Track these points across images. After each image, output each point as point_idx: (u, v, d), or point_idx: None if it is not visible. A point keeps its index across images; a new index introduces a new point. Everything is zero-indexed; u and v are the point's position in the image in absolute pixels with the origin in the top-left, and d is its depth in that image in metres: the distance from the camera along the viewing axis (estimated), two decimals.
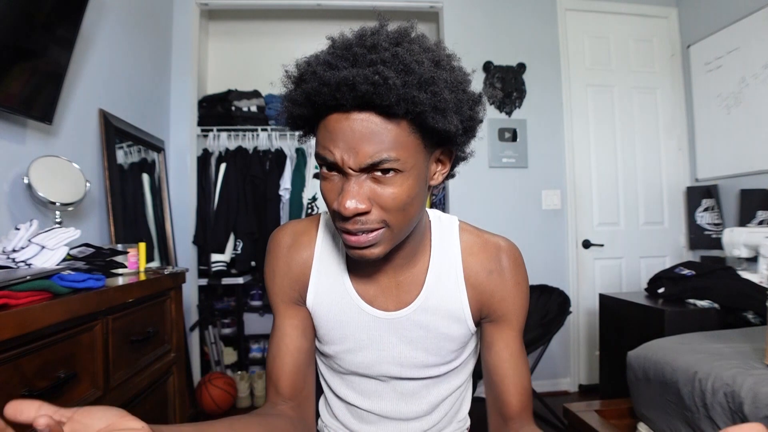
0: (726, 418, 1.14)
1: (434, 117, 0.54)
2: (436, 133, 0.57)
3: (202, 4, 2.67)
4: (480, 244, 0.72)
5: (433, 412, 0.78)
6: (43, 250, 1.04)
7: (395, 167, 0.55)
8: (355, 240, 0.58)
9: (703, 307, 1.81)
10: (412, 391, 0.75)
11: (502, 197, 2.66)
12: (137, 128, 2.12)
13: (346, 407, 0.80)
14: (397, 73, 0.52)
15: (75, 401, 0.91)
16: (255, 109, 2.89)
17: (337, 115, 0.55)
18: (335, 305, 0.72)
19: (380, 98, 0.52)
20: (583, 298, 2.75)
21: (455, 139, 0.60)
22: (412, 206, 0.59)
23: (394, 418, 0.77)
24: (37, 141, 1.45)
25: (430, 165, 0.62)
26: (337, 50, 0.55)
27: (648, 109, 2.88)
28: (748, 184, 2.39)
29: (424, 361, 0.73)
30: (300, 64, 0.59)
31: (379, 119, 0.54)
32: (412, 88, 0.52)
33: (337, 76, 0.52)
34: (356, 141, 0.54)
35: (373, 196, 0.56)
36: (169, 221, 2.41)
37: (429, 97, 0.53)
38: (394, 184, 0.56)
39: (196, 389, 2.47)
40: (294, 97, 0.58)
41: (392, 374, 0.74)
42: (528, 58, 2.77)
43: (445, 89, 0.55)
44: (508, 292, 0.71)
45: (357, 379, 0.76)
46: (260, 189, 2.76)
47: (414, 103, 0.52)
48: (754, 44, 2.36)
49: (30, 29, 1.28)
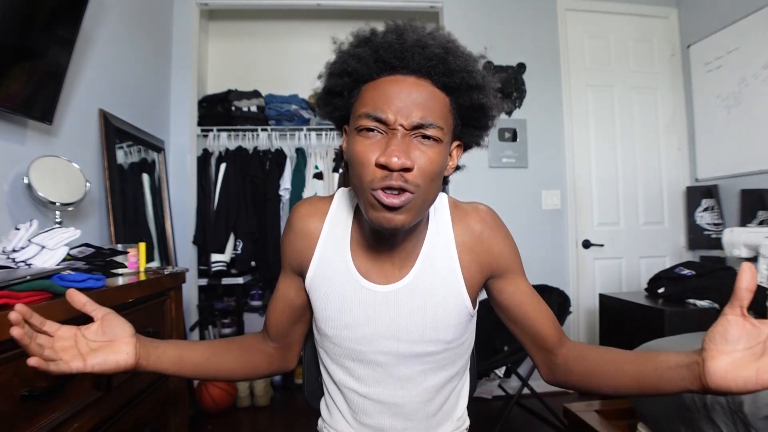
0: (726, 418, 1.14)
1: (480, 94, 0.64)
2: (469, 115, 0.66)
3: (202, 4, 2.67)
4: (464, 211, 0.78)
5: (430, 403, 0.78)
6: (43, 250, 1.04)
7: (438, 136, 0.61)
8: (390, 200, 0.61)
9: (703, 307, 1.81)
10: (408, 376, 0.76)
11: (502, 197, 2.66)
12: (137, 128, 2.12)
13: (345, 401, 0.81)
14: (459, 48, 0.62)
15: (75, 401, 0.91)
16: (255, 109, 2.90)
17: (394, 77, 0.61)
18: (335, 279, 0.75)
19: (446, 64, 0.60)
20: (583, 298, 2.75)
21: (480, 127, 0.69)
22: (438, 180, 0.65)
23: (391, 404, 0.77)
24: (37, 141, 1.45)
25: (450, 148, 0.68)
26: (390, 28, 0.64)
27: (648, 109, 2.88)
28: (748, 184, 2.39)
29: (422, 335, 0.74)
30: (363, 29, 0.65)
31: (432, 88, 0.62)
32: (472, 63, 0.62)
33: (413, 35, 0.60)
34: (411, 102, 0.60)
35: (415, 157, 0.61)
36: (169, 221, 2.41)
37: (480, 75, 0.63)
38: (433, 150, 0.62)
39: (196, 389, 2.47)
40: (359, 52, 0.63)
41: (390, 349, 0.75)
42: (528, 58, 2.76)
43: (488, 74, 0.65)
44: (503, 245, 0.77)
45: (355, 365, 0.77)
46: (260, 189, 2.76)
47: (472, 76, 0.62)
48: (754, 44, 2.36)
49: (30, 29, 1.28)
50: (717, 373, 0.54)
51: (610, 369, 0.68)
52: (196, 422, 2.36)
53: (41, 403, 0.81)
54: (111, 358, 0.61)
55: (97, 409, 0.98)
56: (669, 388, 0.61)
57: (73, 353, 0.58)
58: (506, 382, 2.69)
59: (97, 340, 0.62)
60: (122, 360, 0.62)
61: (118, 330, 0.63)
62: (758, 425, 1.05)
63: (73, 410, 0.89)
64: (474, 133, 0.70)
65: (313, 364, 0.97)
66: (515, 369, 2.22)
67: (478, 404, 2.54)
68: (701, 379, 0.56)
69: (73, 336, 0.60)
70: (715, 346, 0.55)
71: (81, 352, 0.59)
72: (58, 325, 0.59)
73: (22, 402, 0.76)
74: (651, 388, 0.63)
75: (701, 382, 0.56)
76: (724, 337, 0.55)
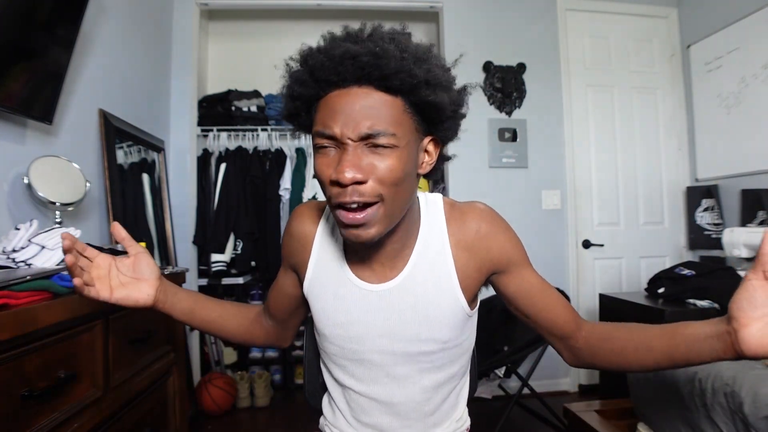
0: (726, 419, 1.14)
1: (427, 91, 0.60)
2: (427, 112, 0.63)
3: (202, 4, 2.67)
4: (461, 210, 0.77)
5: (428, 402, 0.79)
6: (43, 250, 1.04)
7: (391, 143, 0.60)
8: (351, 217, 0.61)
9: (703, 307, 1.81)
10: (404, 375, 0.77)
11: (502, 197, 2.66)
12: (137, 128, 2.12)
13: (345, 400, 0.81)
14: (395, 49, 0.58)
15: (75, 401, 0.91)
16: (255, 109, 2.89)
17: (338, 92, 0.60)
18: (331, 280, 0.77)
19: (379, 69, 0.57)
20: (583, 298, 2.75)
21: (444, 121, 0.66)
22: (405, 183, 0.63)
23: (387, 403, 0.77)
24: (37, 141, 1.45)
25: (420, 152, 0.67)
26: (337, 36, 0.63)
27: (648, 109, 2.88)
28: (748, 184, 2.39)
29: (417, 334, 0.74)
30: (303, 49, 0.64)
31: (377, 94, 0.59)
32: (409, 62, 0.58)
33: (340, 49, 0.58)
34: (356, 114, 0.59)
35: (369, 168, 0.60)
36: (169, 221, 2.41)
37: (423, 71, 0.59)
38: (390, 157, 0.60)
39: (196, 389, 2.47)
40: (298, 75, 0.63)
41: (385, 348, 0.75)
42: (528, 58, 2.76)
43: (437, 68, 0.62)
44: (503, 240, 0.76)
45: (352, 364, 0.78)
46: (260, 189, 2.76)
47: (411, 75, 0.58)
48: (754, 44, 2.36)
49: (30, 29, 1.28)
50: (752, 339, 0.55)
51: (638, 347, 0.68)
52: (196, 422, 2.36)
53: (41, 403, 0.81)
54: (133, 295, 0.72)
55: (97, 409, 0.98)
56: (700, 360, 0.62)
57: (105, 284, 0.70)
58: (506, 382, 2.69)
59: (127, 275, 0.73)
60: (142, 300, 0.73)
61: (147, 271, 0.74)
62: (758, 425, 1.05)
63: (73, 410, 0.89)
64: (441, 127, 0.67)
65: (314, 364, 0.97)
66: (515, 369, 2.22)
67: (478, 404, 2.54)
68: (735, 348, 0.57)
69: (107, 266, 0.72)
70: (744, 313, 0.56)
71: (111, 284, 0.71)
72: (96, 252, 0.71)
73: (22, 402, 0.76)
74: (682, 361, 0.64)
75: (735, 351, 0.58)
76: (751, 303, 0.55)
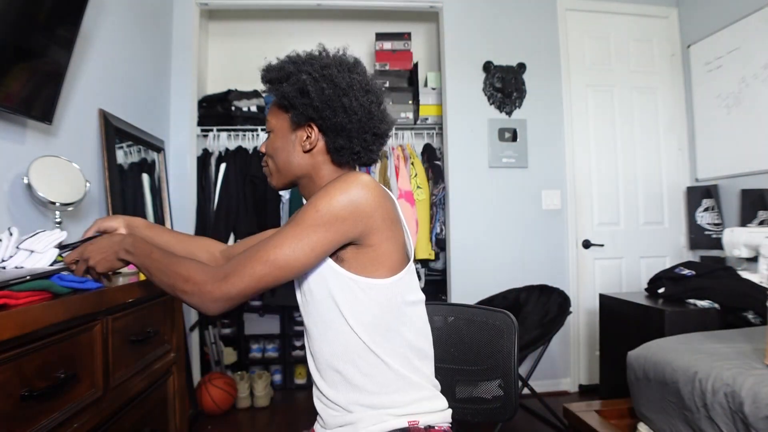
0: (726, 419, 1.14)
1: (275, 91, 0.91)
2: (294, 109, 0.88)
3: (202, 4, 2.67)
4: None
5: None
6: (33, 254, 1.03)
7: (269, 128, 0.95)
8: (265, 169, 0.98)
9: (703, 307, 1.81)
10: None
11: (502, 197, 2.65)
12: (137, 128, 2.12)
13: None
14: (277, 73, 0.91)
15: (75, 401, 0.91)
16: (255, 109, 2.89)
17: None
18: None
19: (263, 80, 0.94)
20: (583, 298, 2.75)
21: (301, 107, 0.87)
22: (278, 153, 0.93)
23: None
24: (37, 141, 1.45)
25: (297, 132, 0.91)
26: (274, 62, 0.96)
27: (648, 109, 2.88)
28: (749, 184, 2.39)
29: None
30: None
31: (274, 101, 0.94)
32: (267, 72, 0.93)
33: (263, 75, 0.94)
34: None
35: (266, 145, 0.97)
36: (169, 221, 2.41)
37: (273, 72, 0.92)
38: (271, 138, 0.95)
39: (196, 389, 2.47)
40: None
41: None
42: (528, 58, 2.77)
43: (305, 81, 0.85)
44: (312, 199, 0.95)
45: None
46: (260, 189, 2.76)
47: (265, 78, 0.93)
48: (754, 44, 2.36)
49: (30, 29, 1.28)
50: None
51: None
52: (196, 422, 2.36)
53: (41, 403, 0.81)
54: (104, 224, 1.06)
55: (97, 409, 0.98)
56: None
57: None
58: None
59: None
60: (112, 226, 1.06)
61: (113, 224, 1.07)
62: (758, 425, 1.05)
63: (73, 410, 0.89)
64: (306, 113, 0.87)
65: None
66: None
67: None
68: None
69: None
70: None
71: None
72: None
73: (22, 402, 0.76)
74: None
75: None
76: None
